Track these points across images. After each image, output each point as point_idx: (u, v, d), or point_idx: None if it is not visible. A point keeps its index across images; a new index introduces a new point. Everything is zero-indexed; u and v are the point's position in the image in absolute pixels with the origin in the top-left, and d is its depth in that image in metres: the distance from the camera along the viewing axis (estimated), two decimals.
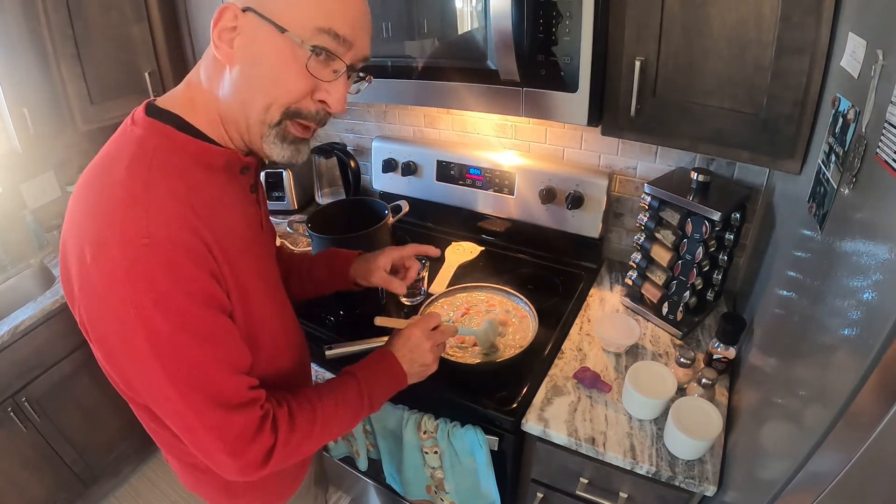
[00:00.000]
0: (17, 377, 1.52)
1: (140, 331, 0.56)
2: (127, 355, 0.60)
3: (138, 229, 0.55)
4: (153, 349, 0.57)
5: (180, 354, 0.59)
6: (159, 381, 0.59)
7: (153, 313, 0.56)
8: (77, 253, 0.58)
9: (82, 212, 0.59)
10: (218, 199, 0.66)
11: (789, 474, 0.60)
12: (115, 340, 0.59)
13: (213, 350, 0.61)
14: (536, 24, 0.97)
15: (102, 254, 0.55)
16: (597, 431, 1.01)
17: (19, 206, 1.83)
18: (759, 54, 0.85)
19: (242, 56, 0.61)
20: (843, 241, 0.61)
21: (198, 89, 0.66)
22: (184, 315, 0.58)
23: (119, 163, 0.60)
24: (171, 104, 0.66)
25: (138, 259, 0.55)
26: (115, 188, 0.58)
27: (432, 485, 1.22)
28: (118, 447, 1.88)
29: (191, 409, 0.61)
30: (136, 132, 0.63)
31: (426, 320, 0.90)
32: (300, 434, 0.70)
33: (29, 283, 1.78)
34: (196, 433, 0.63)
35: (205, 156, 0.65)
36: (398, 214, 1.54)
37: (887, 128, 0.52)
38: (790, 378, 0.73)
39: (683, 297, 1.18)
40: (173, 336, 0.58)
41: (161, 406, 0.63)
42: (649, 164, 1.36)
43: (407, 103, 1.37)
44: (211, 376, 0.61)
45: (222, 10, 0.61)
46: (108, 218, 0.56)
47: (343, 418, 0.77)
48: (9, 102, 1.45)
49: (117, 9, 1.59)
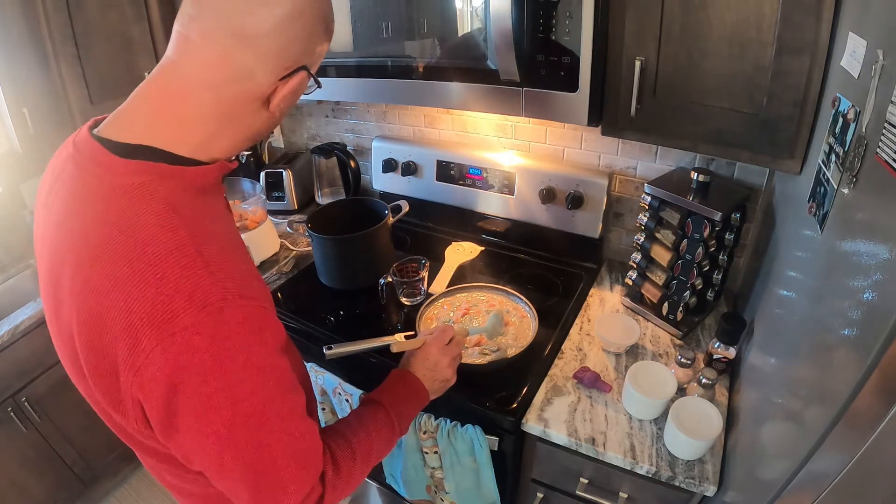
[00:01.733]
0: (17, 377, 1.52)
1: (225, 399, 0.53)
2: (202, 430, 0.54)
3: (209, 293, 0.52)
4: (238, 414, 0.54)
5: (266, 413, 0.56)
6: (238, 448, 0.57)
7: (243, 374, 0.53)
8: (127, 339, 0.52)
9: (123, 295, 0.52)
10: (226, 225, 0.65)
11: (789, 474, 0.60)
12: (189, 418, 0.54)
13: (297, 398, 0.61)
14: (536, 24, 0.97)
15: (172, 329, 0.50)
16: (597, 431, 1.01)
17: (19, 206, 1.83)
18: (759, 54, 0.85)
19: (284, 103, 0.65)
20: (843, 241, 0.61)
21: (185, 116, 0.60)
22: (267, 371, 0.56)
23: (142, 226, 0.54)
24: (139, 136, 0.58)
25: (218, 323, 0.52)
26: (163, 255, 0.52)
27: (432, 485, 1.22)
28: (118, 447, 1.88)
29: (273, 467, 0.59)
30: (128, 183, 0.56)
31: (440, 337, 0.91)
32: (345, 476, 0.69)
33: (29, 283, 1.79)
34: (268, 492, 0.60)
35: (199, 180, 0.61)
36: (398, 214, 1.53)
37: (887, 128, 0.52)
38: (790, 378, 0.73)
39: (683, 297, 1.18)
40: (258, 395, 0.55)
41: (227, 475, 0.59)
42: (649, 164, 1.36)
43: (407, 103, 1.37)
44: (295, 428, 0.60)
45: (297, 80, 0.64)
46: (168, 289, 0.51)
47: (379, 449, 0.76)
48: (9, 102, 1.45)
49: (117, 9, 1.58)
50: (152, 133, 0.59)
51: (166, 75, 0.60)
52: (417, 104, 1.27)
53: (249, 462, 0.57)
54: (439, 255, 1.53)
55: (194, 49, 0.58)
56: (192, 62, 0.59)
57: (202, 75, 0.59)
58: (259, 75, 0.60)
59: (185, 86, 0.59)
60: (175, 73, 0.60)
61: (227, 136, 0.63)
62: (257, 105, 0.63)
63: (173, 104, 0.60)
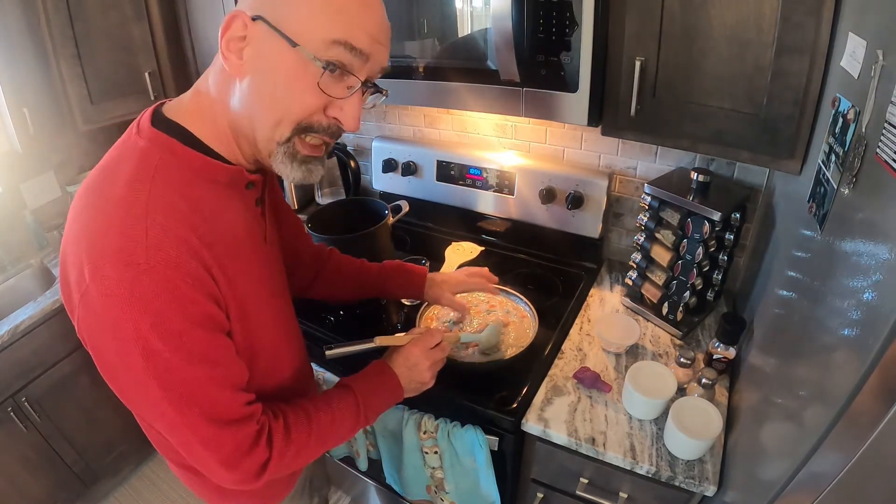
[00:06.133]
0: (17, 377, 1.52)
1: (137, 351, 0.56)
2: (123, 371, 0.60)
3: (136, 252, 0.54)
4: (149, 368, 0.57)
5: (176, 375, 0.59)
6: (155, 398, 0.60)
7: (150, 335, 0.56)
8: (76, 267, 0.57)
9: (81, 224, 0.58)
10: (219, 214, 0.64)
11: (789, 474, 0.60)
12: (112, 356, 0.59)
13: (209, 369, 0.61)
14: (536, 24, 0.97)
15: (100, 272, 0.54)
16: (597, 431, 1.01)
17: (19, 206, 1.83)
18: (759, 54, 0.85)
19: (251, 68, 0.58)
20: (843, 241, 0.61)
21: (206, 99, 0.64)
22: (181, 336, 0.57)
23: (120, 175, 0.59)
24: (179, 114, 0.64)
25: (137, 281, 0.54)
26: (115, 205, 0.56)
27: (432, 485, 1.22)
28: (118, 447, 1.88)
29: (186, 424, 0.61)
30: (139, 144, 0.61)
31: (426, 339, 0.91)
32: (296, 447, 0.71)
33: (29, 283, 1.79)
34: (192, 447, 0.64)
35: (208, 172, 0.63)
36: (398, 214, 1.54)
37: (887, 128, 0.52)
38: (790, 378, 0.73)
39: (683, 297, 1.18)
40: (170, 357, 0.57)
41: (157, 420, 0.64)
42: (649, 164, 1.36)
43: (407, 103, 1.37)
44: (206, 395, 0.62)
45: (231, 17, 0.57)
46: (106, 236, 0.55)
47: (339, 431, 0.78)
48: (9, 102, 1.45)
49: (117, 9, 1.59)
50: (187, 114, 0.64)
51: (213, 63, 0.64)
52: (417, 104, 1.27)
53: (167, 414, 0.61)
54: (439, 255, 1.53)
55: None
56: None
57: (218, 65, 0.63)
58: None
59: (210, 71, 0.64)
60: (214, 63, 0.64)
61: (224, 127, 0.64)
62: (225, 73, 0.61)
63: (203, 89, 0.64)
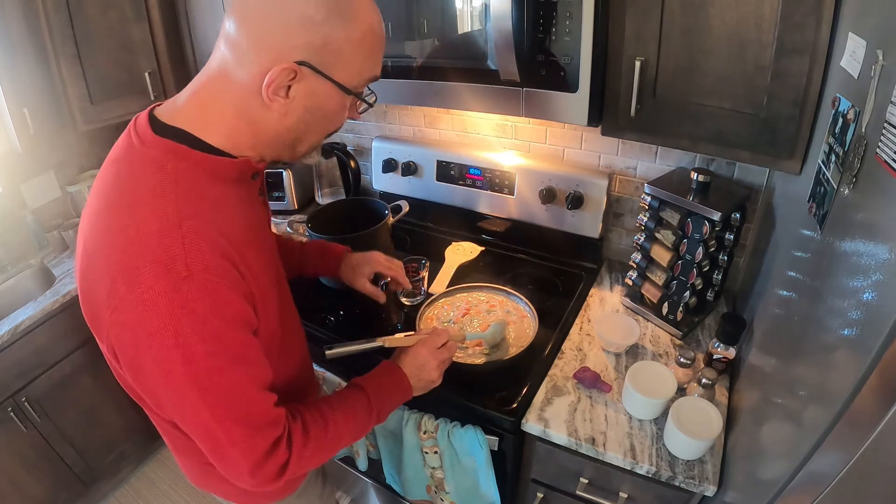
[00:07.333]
0: (17, 377, 1.52)
1: (177, 357, 0.58)
2: (161, 378, 0.60)
3: (176, 260, 0.57)
4: (189, 373, 0.59)
5: (216, 378, 0.61)
6: (192, 403, 0.61)
7: (192, 338, 0.57)
8: (106, 283, 0.58)
9: (106, 242, 0.60)
10: (235, 209, 0.67)
11: (789, 474, 0.60)
12: (149, 364, 0.60)
13: (247, 370, 0.64)
14: (536, 24, 0.97)
15: (138, 284, 0.56)
16: (597, 431, 1.01)
17: (19, 206, 1.83)
18: (759, 54, 0.85)
19: (299, 106, 0.64)
20: (843, 241, 0.61)
21: (214, 108, 0.64)
22: (221, 339, 0.60)
23: (139, 188, 0.60)
24: (177, 120, 0.64)
25: (177, 289, 0.56)
26: (144, 218, 0.58)
27: (432, 485, 1.22)
28: (118, 447, 1.88)
29: (221, 427, 0.63)
30: (149, 153, 0.62)
31: (433, 339, 0.93)
32: (313, 447, 0.73)
33: (29, 283, 1.79)
34: (222, 449, 0.65)
35: (219, 169, 0.65)
36: (398, 214, 1.54)
37: (887, 128, 0.52)
38: (790, 378, 0.73)
39: (683, 297, 1.18)
40: (210, 360, 0.59)
41: (190, 424, 0.65)
42: (649, 164, 1.36)
43: (407, 103, 1.37)
44: (242, 397, 0.64)
45: (278, 70, 0.59)
46: (141, 248, 0.57)
47: (353, 430, 0.80)
48: (9, 102, 1.45)
49: (117, 9, 1.59)
50: (189, 119, 0.64)
51: (210, 64, 0.64)
52: (417, 104, 1.27)
53: (202, 419, 0.62)
54: (439, 255, 1.53)
55: (223, 36, 0.62)
56: (218, 51, 0.63)
57: (225, 66, 0.62)
58: (250, 63, 0.60)
59: (216, 77, 0.64)
60: (211, 64, 0.64)
61: (247, 135, 0.65)
62: (261, 100, 0.62)
63: (207, 95, 0.65)
